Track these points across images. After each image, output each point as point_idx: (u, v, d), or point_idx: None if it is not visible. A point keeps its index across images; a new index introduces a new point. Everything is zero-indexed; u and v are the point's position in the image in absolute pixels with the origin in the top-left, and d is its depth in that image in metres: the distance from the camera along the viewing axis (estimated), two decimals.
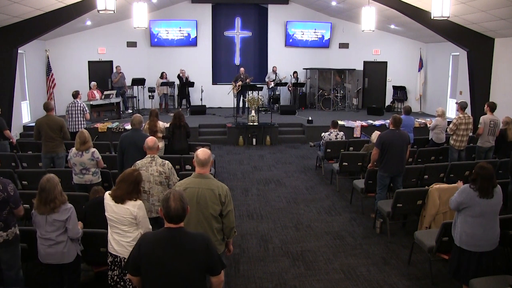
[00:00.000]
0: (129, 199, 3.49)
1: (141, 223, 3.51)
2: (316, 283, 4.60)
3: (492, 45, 10.80)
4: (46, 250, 3.65)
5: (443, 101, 13.90)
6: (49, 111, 6.99)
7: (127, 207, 3.47)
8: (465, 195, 3.85)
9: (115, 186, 3.59)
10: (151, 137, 4.86)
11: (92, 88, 12.62)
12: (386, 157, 5.89)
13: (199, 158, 3.49)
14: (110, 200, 3.52)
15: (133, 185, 3.54)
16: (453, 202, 3.97)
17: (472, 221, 3.81)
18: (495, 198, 3.83)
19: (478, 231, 3.80)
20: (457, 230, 3.94)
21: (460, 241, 3.89)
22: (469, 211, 3.83)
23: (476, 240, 3.81)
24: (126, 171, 3.67)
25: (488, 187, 3.78)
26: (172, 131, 7.32)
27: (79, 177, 5.62)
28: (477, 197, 3.78)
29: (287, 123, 12.57)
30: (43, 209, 3.60)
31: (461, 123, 7.45)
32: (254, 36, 15.76)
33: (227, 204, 3.47)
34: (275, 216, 6.52)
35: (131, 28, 10.99)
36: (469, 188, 3.85)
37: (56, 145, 6.88)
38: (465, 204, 3.84)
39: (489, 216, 3.83)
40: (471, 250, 3.84)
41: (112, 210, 3.51)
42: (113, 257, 3.55)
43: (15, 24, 9.26)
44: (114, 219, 3.50)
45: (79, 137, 5.56)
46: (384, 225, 5.85)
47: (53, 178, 3.69)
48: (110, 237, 3.58)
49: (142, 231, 3.51)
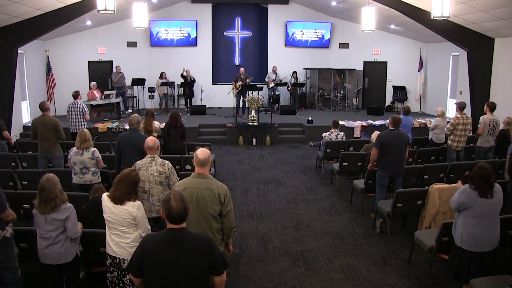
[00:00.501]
0: (128, 200, 3.48)
1: (140, 224, 3.50)
2: (316, 283, 4.60)
3: (492, 45, 10.79)
4: (43, 250, 3.65)
5: (443, 101, 13.90)
6: (44, 111, 6.95)
7: (126, 208, 3.46)
8: (466, 195, 3.84)
9: (113, 187, 3.58)
10: (151, 137, 4.85)
11: (92, 88, 12.62)
12: (385, 157, 5.89)
13: (199, 158, 3.49)
14: (109, 202, 3.51)
15: (132, 186, 3.53)
16: (453, 202, 3.96)
17: (473, 221, 3.81)
18: (496, 198, 3.82)
19: (479, 231, 3.80)
20: (457, 231, 3.94)
21: (461, 241, 3.88)
22: (470, 211, 3.83)
23: (477, 240, 3.81)
24: (123, 172, 3.65)
25: (485, 187, 3.78)
26: (167, 131, 7.27)
27: (79, 177, 5.63)
28: (477, 197, 3.78)
29: (287, 123, 12.57)
30: (43, 209, 3.60)
31: (458, 123, 7.45)
32: (254, 36, 15.76)
33: (226, 204, 3.46)
34: (275, 216, 6.53)
35: (131, 28, 10.99)
36: (469, 189, 3.85)
37: (51, 145, 6.86)
38: (466, 204, 3.84)
39: (489, 216, 3.82)
40: (471, 250, 3.84)
41: (110, 211, 3.49)
42: (111, 258, 3.54)
43: (15, 24, 9.26)
44: (113, 221, 3.48)
45: (79, 136, 5.57)
46: (384, 225, 5.85)
47: (53, 177, 3.69)
48: (108, 239, 3.56)
49: (141, 232, 3.50)
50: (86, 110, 8.75)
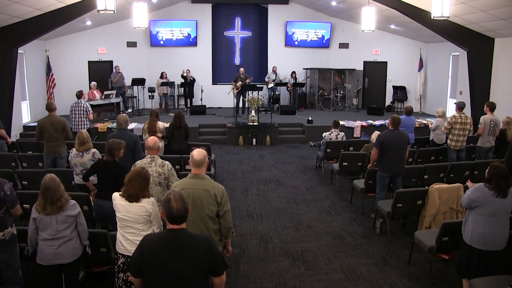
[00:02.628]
0: (143, 197, 3.49)
1: (155, 220, 3.50)
2: (316, 283, 4.60)
3: (492, 45, 10.79)
4: (56, 250, 3.59)
5: (443, 101, 13.90)
6: (51, 111, 7.00)
7: (143, 205, 3.46)
8: (480, 193, 3.81)
9: (124, 186, 3.54)
10: (151, 137, 4.83)
11: (92, 88, 12.63)
12: (385, 157, 5.89)
13: (194, 159, 3.48)
14: (123, 200, 3.48)
15: (144, 183, 3.53)
16: (465, 199, 3.93)
17: (484, 220, 3.79)
18: (509, 197, 3.80)
19: (489, 230, 3.79)
20: (468, 229, 3.91)
21: (471, 239, 3.86)
22: (482, 209, 3.81)
23: (487, 239, 3.80)
24: (134, 170, 3.66)
25: (505, 186, 3.75)
26: (171, 132, 7.29)
27: (80, 178, 5.62)
28: (492, 196, 3.76)
29: (287, 123, 12.57)
30: (50, 209, 3.56)
31: (456, 122, 7.44)
32: (254, 36, 15.76)
33: (223, 204, 3.45)
34: (275, 216, 6.53)
35: (131, 28, 10.99)
36: (484, 187, 3.82)
37: (59, 145, 6.91)
38: (478, 202, 3.81)
39: (501, 216, 3.81)
40: (481, 248, 3.83)
41: (125, 209, 3.46)
42: (125, 257, 3.50)
43: (15, 24, 9.25)
44: (129, 219, 3.46)
45: (78, 138, 5.57)
46: (384, 225, 5.85)
47: (56, 177, 3.69)
48: (121, 238, 3.53)
49: (155, 228, 3.49)
50: (90, 109, 8.76)
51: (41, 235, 3.63)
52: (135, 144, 5.84)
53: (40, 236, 3.63)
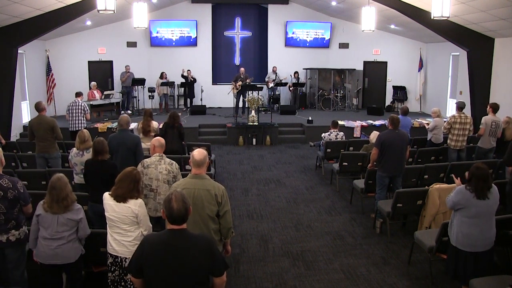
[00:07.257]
0: (130, 198, 3.50)
1: (142, 222, 3.52)
2: (316, 283, 4.60)
3: (492, 45, 10.80)
4: (54, 250, 3.61)
5: (443, 101, 13.91)
6: (40, 111, 6.94)
7: (129, 206, 3.48)
8: (461, 195, 3.84)
9: (114, 185, 3.58)
10: (157, 137, 4.90)
11: (92, 88, 12.63)
12: (385, 157, 5.89)
13: (195, 159, 3.48)
14: (111, 200, 3.52)
15: (133, 184, 3.54)
16: (449, 201, 3.98)
17: (468, 222, 3.81)
18: (491, 199, 3.82)
19: (474, 232, 3.80)
20: (453, 230, 3.94)
21: (456, 241, 3.89)
22: (465, 212, 3.83)
23: (473, 240, 3.81)
24: (125, 170, 3.66)
25: (483, 188, 3.77)
26: (164, 131, 7.20)
27: (80, 177, 5.61)
28: (473, 198, 3.77)
29: (287, 123, 12.57)
30: (56, 208, 3.58)
31: (455, 122, 7.44)
32: (254, 36, 15.77)
33: (223, 204, 3.46)
34: (275, 216, 6.52)
35: (131, 28, 11.00)
36: (465, 189, 3.84)
37: (48, 145, 6.86)
38: (461, 204, 3.84)
39: (485, 217, 3.82)
40: (466, 250, 3.84)
41: (112, 209, 3.50)
42: (113, 257, 3.54)
43: (15, 24, 9.26)
44: (115, 219, 3.49)
45: (78, 137, 5.57)
46: (384, 225, 5.85)
47: (64, 177, 3.70)
48: (109, 238, 3.57)
49: (143, 230, 3.52)
50: (87, 109, 8.75)
51: (41, 233, 3.66)
52: (136, 146, 5.84)
53: (41, 234, 3.66)
